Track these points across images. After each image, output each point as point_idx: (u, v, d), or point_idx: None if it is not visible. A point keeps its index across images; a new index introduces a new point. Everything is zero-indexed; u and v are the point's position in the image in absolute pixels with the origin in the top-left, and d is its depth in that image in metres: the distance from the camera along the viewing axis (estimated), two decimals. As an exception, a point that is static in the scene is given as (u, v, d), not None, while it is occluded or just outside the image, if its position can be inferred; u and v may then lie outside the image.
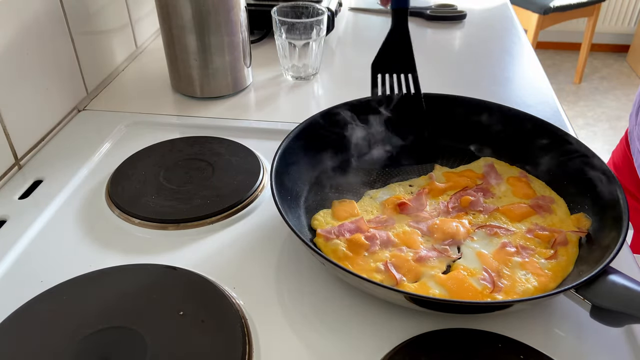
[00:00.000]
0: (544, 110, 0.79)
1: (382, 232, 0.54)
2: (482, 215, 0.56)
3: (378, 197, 0.59)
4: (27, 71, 0.67)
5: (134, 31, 0.95)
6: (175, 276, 0.50)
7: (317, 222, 0.56)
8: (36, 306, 0.46)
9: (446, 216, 0.56)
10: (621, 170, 0.90)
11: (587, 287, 0.43)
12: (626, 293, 0.41)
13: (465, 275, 0.49)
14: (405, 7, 0.64)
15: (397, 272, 0.49)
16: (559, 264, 0.50)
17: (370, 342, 0.45)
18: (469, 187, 0.60)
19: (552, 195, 0.59)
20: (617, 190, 0.52)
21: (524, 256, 0.51)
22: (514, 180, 0.61)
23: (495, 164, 0.63)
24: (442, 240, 0.53)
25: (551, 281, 0.49)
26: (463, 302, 0.45)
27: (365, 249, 0.51)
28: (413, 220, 0.56)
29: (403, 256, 0.51)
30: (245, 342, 0.43)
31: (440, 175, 0.63)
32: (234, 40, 0.77)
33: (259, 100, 0.82)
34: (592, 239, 0.52)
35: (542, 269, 0.50)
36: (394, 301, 0.46)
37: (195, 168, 0.64)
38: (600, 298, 0.42)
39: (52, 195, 0.61)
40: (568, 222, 0.55)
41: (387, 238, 0.53)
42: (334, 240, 0.52)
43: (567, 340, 0.46)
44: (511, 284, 0.48)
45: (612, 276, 0.43)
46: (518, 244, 0.53)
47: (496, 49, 1.01)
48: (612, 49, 3.60)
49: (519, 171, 0.63)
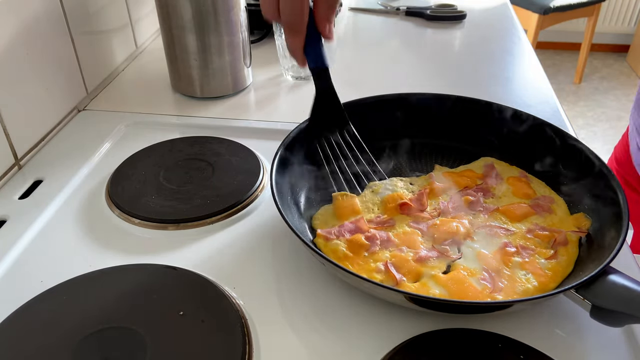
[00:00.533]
0: (544, 110, 0.79)
1: (382, 232, 0.54)
2: (482, 215, 0.56)
3: (380, 191, 0.59)
4: (27, 71, 0.67)
5: (134, 31, 0.95)
6: (175, 276, 0.50)
7: (318, 222, 0.56)
8: (36, 306, 0.46)
9: (446, 216, 0.56)
10: (623, 165, 0.90)
11: (587, 287, 0.43)
12: (626, 293, 0.41)
13: (466, 275, 0.49)
14: (324, 67, 0.59)
15: (397, 272, 0.49)
16: (559, 264, 0.50)
17: (370, 342, 0.45)
18: (469, 187, 0.60)
19: (552, 195, 0.59)
20: (617, 190, 0.51)
21: (524, 256, 0.51)
22: (514, 180, 0.61)
23: (495, 164, 0.63)
24: (442, 241, 0.53)
25: (551, 281, 0.48)
26: (463, 302, 0.45)
27: (365, 249, 0.51)
28: (413, 220, 0.56)
29: (403, 256, 0.51)
30: (245, 342, 0.43)
31: (440, 175, 0.62)
32: (234, 40, 0.77)
33: (259, 100, 0.82)
34: (592, 239, 0.52)
35: (542, 269, 0.50)
36: (394, 301, 0.46)
37: (195, 168, 0.64)
38: (600, 298, 0.42)
39: (52, 195, 0.61)
40: (568, 221, 0.55)
41: (387, 238, 0.53)
42: (334, 241, 0.52)
43: (568, 340, 0.46)
44: (511, 284, 0.48)
45: (612, 276, 0.43)
46: (518, 244, 0.53)
47: (496, 49, 1.01)
48: (612, 49, 3.61)
49: (518, 171, 0.63)
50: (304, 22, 0.54)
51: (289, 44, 0.57)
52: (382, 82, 0.89)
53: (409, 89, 0.68)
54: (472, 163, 0.65)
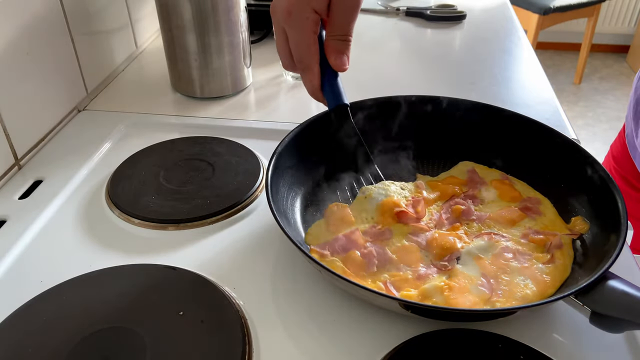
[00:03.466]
0: (544, 111, 0.79)
1: (379, 248, 0.52)
2: (476, 224, 0.56)
3: (373, 196, 0.58)
4: (27, 71, 0.67)
5: (134, 31, 0.95)
6: (175, 276, 0.50)
7: (311, 237, 0.54)
8: (36, 306, 0.46)
9: (441, 228, 0.55)
10: (621, 163, 0.90)
11: (586, 293, 0.42)
12: (625, 299, 0.41)
13: (465, 282, 0.48)
14: (345, 104, 0.56)
15: (397, 292, 0.48)
16: (556, 268, 0.50)
17: (369, 343, 0.45)
18: (456, 195, 0.59)
19: (537, 195, 0.59)
20: (615, 194, 0.51)
21: (522, 261, 0.51)
22: (498, 183, 0.61)
23: (476, 168, 0.63)
24: (441, 257, 0.52)
25: (550, 287, 0.48)
26: (461, 310, 0.45)
27: (363, 269, 0.50)
28: (412, 232, 0.54)
29: (402, 275, 0.50)
30: (245, 343, 0.43)
31: (424, 185, 0.61)
32: (234, 41, 0.77)
33: (259, 100, 0.82)
34: (590, 244, 0.52)
35: (540, 274, 0.49)
36: (392, 309, 0.46)
37: (195, 168, 0.64)
38: (599, 304, 0.41)
39: (52, 195, 0.61)
40: (558, 221, 0.55)
41: (385, 256, 0.51)
42: (328, 258, 0.51)
43: (568, 343, 0.46)
44: (510, 289, 0.48)
45: (611, 282, 0.42)
46: (515, 249, 0.52)
47: (496, 50, 1.01)
48: (612, 50, 3.61)
49: (499, 173, 0.62)
50: (311, 56, 0.54)
51: (305, 85, 0.57)
52: (382, 82, 0.89)
53: (409, 90, 0.68)
54: (452, 169, 0.64)
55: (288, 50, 0.55)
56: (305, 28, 0.53)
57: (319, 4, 0.52)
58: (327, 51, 0.55)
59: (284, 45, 0.55)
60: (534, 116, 0.62)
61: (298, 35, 0.53)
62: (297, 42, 0.54)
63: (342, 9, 0.53)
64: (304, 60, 0.55)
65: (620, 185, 0.86)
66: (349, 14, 0.54)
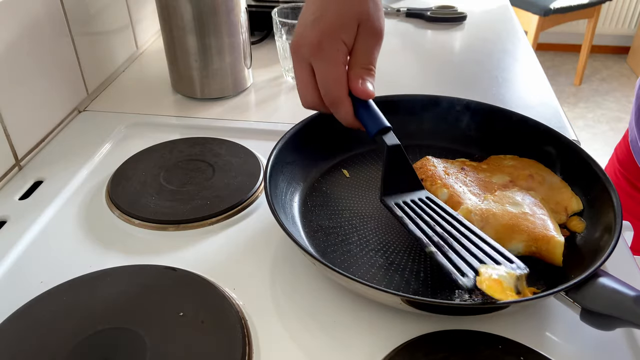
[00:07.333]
0: (544, 112, 0.79)
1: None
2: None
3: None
4: (27, 72, 0.67)
5: (134, 32, 0.95)
6: (175, 277, 0.50)
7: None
8: (36, 307, 0.46)
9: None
10: (626, 166, 0.90)
11: (577, 290, 0.42)
12: (615, 296, 0.41)
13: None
14: (387, 127, 0.54)
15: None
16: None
17: (369, 344, 0.45)
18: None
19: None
20: (611, 194, 0.51)
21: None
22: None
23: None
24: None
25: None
26: (459, 304, 0.44)
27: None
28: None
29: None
30: (245, 343, 0.43)
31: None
32: (234, 42, 0.77)
33: (259, 101, 0.83)
34: (585, 242, 0.52)
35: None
36: (389, 304, 0.46)
37: (195, 169, 0.64)
38: (589, 301, 0.41)
39: (52, 196, 0.61)
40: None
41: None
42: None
43: (567, 342, 0.46)
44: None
45: (602, 279, 0.42)
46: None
47: (496, 51, 1.01)
48: (613, 51, 3.61)
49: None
50: (343, 89, 0.53)
51: (339, 118, 0.55)
52: (382, 82, 0.88)
53: (409, 90, 0.68)
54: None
55: (314, 86, 0.53)
56: (337, 60, 0.52)
57: (348, 36, 0.52)
58: (351, 80, 0.54)
59: (309, 82, 0.53)
60: (535, 117, 0.63)
61: (329, 69, 0.52)
62: (328, 75, 0.52)
63: (366, 40, 0.53)
64: (334, 93, 0.53)
65: (624, 188, 0.86)
66: (372, 44, 0.54)
